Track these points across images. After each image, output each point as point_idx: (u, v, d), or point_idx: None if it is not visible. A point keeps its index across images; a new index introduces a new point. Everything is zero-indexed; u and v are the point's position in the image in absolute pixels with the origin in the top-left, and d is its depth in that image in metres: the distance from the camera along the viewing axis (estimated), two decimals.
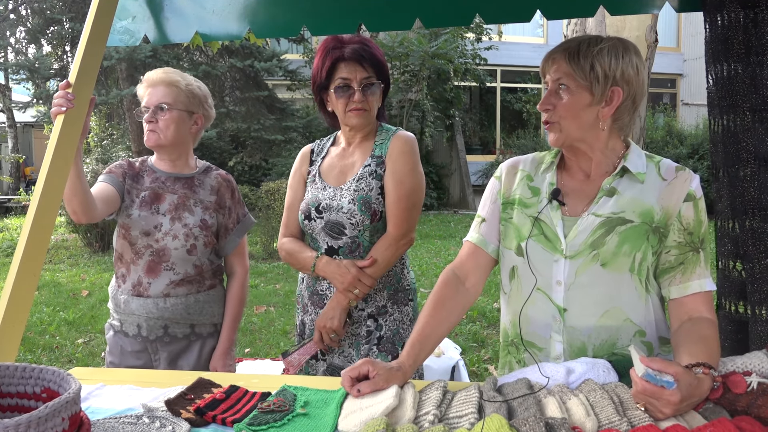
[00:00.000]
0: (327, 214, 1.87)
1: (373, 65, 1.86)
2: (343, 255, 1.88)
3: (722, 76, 1.63)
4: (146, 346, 1.99)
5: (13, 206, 13.80)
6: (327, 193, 1.90)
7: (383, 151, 1.90)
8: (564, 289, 1.38)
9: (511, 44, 15.33)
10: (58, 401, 0.89)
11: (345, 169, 1.94)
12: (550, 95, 1.40)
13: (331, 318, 1.84)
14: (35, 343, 4.71)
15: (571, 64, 1.36)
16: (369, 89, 1.86)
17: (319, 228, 1.89)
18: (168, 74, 1.99)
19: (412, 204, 1.88)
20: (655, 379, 1.04)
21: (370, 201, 1.85)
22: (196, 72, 10.73)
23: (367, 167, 1.89)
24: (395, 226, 1.86)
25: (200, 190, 2.05)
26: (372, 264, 1.83)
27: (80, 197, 1.77)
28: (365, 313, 1.90)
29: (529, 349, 1.44)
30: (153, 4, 2.17)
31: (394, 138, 1.91)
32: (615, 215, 1.36)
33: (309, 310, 1.97)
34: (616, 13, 2.11)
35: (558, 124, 1.39)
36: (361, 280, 1.82)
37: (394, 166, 1.87)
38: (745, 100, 1.59)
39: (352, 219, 1.84)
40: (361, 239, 1.86)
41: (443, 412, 1.15)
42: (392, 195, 1.86)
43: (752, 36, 1.59)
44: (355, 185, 1.87)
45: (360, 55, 1.85)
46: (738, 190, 1.62)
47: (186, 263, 1.98)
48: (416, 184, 1.89)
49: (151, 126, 1.96)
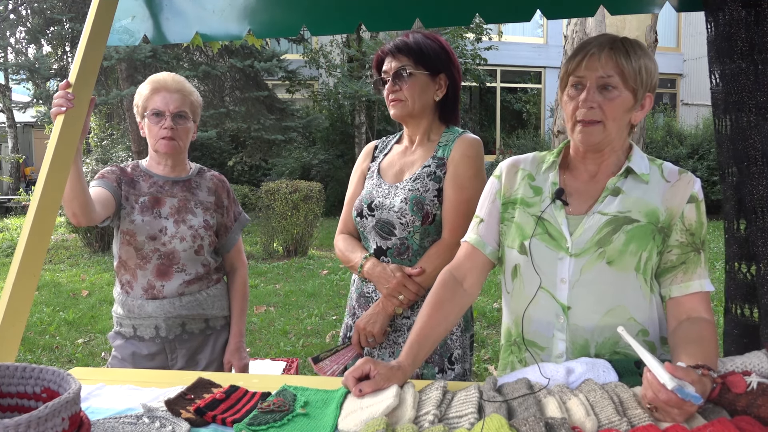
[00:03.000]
0: (378, 213, 1.80)
1: (411, 54, 1.78)
2: (392, 257, 1.80)
3: (727, 74, 1.63)
4: (164, 346, 2.01)
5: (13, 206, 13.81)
6: (382, 191, 1.83)
7: (446, 153, 1.81)
8: (568, 287, 1.38)
9: (511, 44, 15.34)
10: (58, 401, 0.89)
11: (404, 167, 1.87)
12: (593, 92, 1.32)
13: (373, 322, 1.76)
14: (35, 343, 4.71)
15: (621, 64, 1.31)
16: (401, 78, 1.78)
17: (370, 227, 1.82)
18: (182, 83, 2.02)
19: (471, 211, 1.71)
20: (684, 393, 1.02)
21: (423, 202, 1.76)
22: (196, 72, 10.74)
23: (427, 167, 1.80)
24: (451, 233, 1.75)
25: (199, 192, 2.08)
26: (420, 274, 1.74)
27: (80, 199, 1.77)
28: (410, 321, 1.79)
29: (532, 348, 1.44)
30: (153, 4, 2.16)
31: (459, 140, 1.82)
32: (621, 214, 1.36)
33: (357, 313, 1.89)
34: (616, 13, 2.11)
35: (602, 124, 1.34)
36: (407, 287, 1.73)
37: (456, 170, 1.78)
38: (750, 98, 1.59)
39: (403, 219, 1.76)
40: (410, 241, 1.78)
41: (443, 412, 1.15)
42: (451, 200, 1.76)
43: (755, 34, 1.59)
44: (410, 185, 1.79)
45: (397, 46, 1.79)
46: (746, 188, 1.61)
47: (195, 263, 2.02)
48: (478, 191, 1.73)
49: (170, 133, 1.97)
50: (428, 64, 1.80)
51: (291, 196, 7.78)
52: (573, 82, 1.36)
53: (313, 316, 5.35)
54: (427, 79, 1.81)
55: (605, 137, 1.36)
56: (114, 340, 2.05)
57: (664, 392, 1.04)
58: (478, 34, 12.69)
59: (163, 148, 1.98)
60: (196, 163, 2.16)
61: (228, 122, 11.81)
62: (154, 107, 1.96)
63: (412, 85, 1.79)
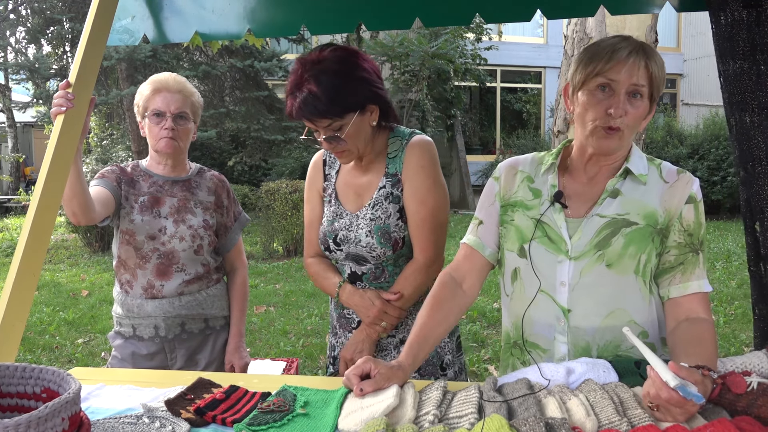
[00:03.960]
0: (346, 247, 1.72)
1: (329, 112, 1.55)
2: (368, 281, 1.74)
3: (730, 75, 1.63)
4: (163, 346, 2.01)
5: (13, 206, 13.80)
6: (343, 222, 1.73)
7: (398, 167, 1.69)
8: (568, 290, 1.37)
9: (511, 44, 15.33)
10: (58, 401, 0.89)
11: (360, 190, 1.74)
12: (624, 98, 1.29)
13: (359, 351, 1.70)
14: (35, 343, 4.71)
15: (653, 73, 1.29)
16: (335, 140, 1.60)
17: (341, 258, 1.76)
18: (184, 84, 2.02)
19: (438, 224, 1.68)
20: (686, 392, 1.01)
21: (388, 230, 1.67)
22: (196, 72, 10.74)
23: (382, 189, 1.69)
24: (422, 252, 1.68)
25: (198, 192, 2.08)
26: (399, 299, 1.68)
27: (80, 198, 1.77)
28: (396, 339, 1.76)
29: (533, 350, 1.44)
30: (153, 3, 2.16)
31: (409, 149, 1.69)
32: (620, 216, 1.36)
33: (338, 332, 1.85)
34: (616, 13, 2.11)
35: (622, 132, 1.31)
36: (388, 313, 1.68)
37: (413, 184, 1.67)
38: (753, 98, 1.59)
39: (373, 252, 1.69)
40: (385, 265, 1.72)
41: (443, 412, 1.15)
42: (415, 219, 1.67)
43: (756, 34, 1.59)
44: (370, 213, 1.69)
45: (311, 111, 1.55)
46: (754, 188, 1.61)
47: (195, 263, 2.03)
48: (440, 201, 1.69)
49: (171, 133, 1.97)
50: (352, 105, 1.58)
51: (291, 196, 7.78)
52: (601, 83, 1.30)
53: (313, 316, 5.35)
54: (358, 118, 1.60)
55: (621, 144, 1.35)
56: (114, 339, 2.05)
57: (666, 390, 1.03)
58: (478, 34, 12.67)
59: (164, 148, 1.98)
60: (196, 163, 2.17)
61: (228, 122, 11.82)
62: (155, 107, 1.96)
63: (348, 136, 1.60)
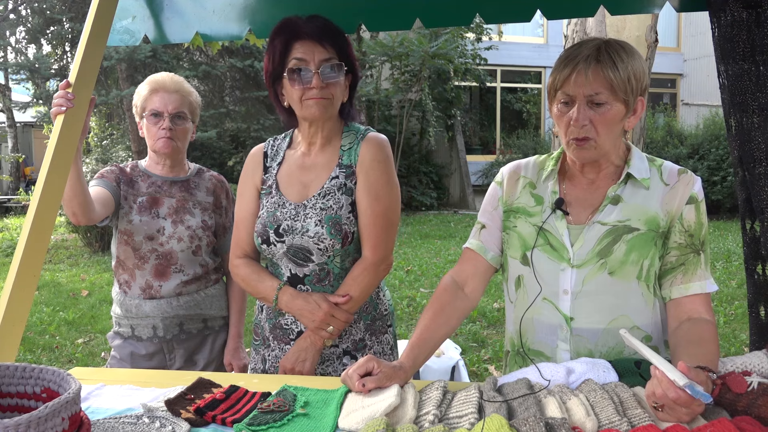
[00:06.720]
0: (289, 238, 1.59)
1: (335, 45, 1.55)
2: (310, 284, 1.61)
3: (731, 75, 1.63)
4: (162, 346, 2.01)
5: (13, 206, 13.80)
6: (287, 212, 1.61)
7: (353, 159, 1.62)
8: (571, 298, 1.37)
9: (511, 44, 15.32)
10: (58, 401, 0.89)
11: (307, 180, 1.64)
12: (583, 109, 1.28)
13: (302, 360, 1.58)
14: (35, 343, 4.71)
15: (609, 77, 1.26)
16: (331, 73, 1.53)
17: (280, 253, 1.61)
18: (181, 83, 2.02)
19: (390, 223, 1.62)
20: (695, 391, 1.00)
21: (340, 221, 1.57)
22: (197, 72, 10.74)
23: (335, 179, 1.60)
24: (372, 250, 1.60)
25: (197, 192, 2.08)
26: (348, 301, 1.58)
27: (80, 198, 1.77)
28: (339, 349, 1.65)
29: (537, 357, 1.44)
30: (153, 4, 2.16)
31: (365, 143, 1.62)
32: (621, 223, 1.36)
33: (272, 345, 1.70)
34: (616, 13, 2.11)
35: (594, 141, 1.30)
36: (335, 317, 1.56)
37: (368, 178, 1.60)
38: (753, 99, 1.59)
39: (321, 244, 1.57)
40: (331, 266, 1.61)
41: (443, 412, 1.15)
42: (368, 214, 1.59)
43: (756, 35, 1.59)
44: (321, 202, 1.59)
45: (320, 32, 1.52)
46: (755, 189, 1.61)
47: (193, 264, 2.03)
48: (394, 199, 1.63)
49: (169, 133, 1.97)
50: (347, 59, 1.57)
51: None
52: (562, 98, 1.31)
53: None
54: (343, 78, 1.59)
55: (599, 151, 1.33)
56: (113, 340, 2.06)
57: (673, 390, 1.02)
58: (478, 34, 12.68)
59: (162, 148, 1.98)
60: (195, 164, 2.17)
61: (228, 122, 11.82)
62: (152, 108, 1.96)
63: (337, 81, 1.56)
